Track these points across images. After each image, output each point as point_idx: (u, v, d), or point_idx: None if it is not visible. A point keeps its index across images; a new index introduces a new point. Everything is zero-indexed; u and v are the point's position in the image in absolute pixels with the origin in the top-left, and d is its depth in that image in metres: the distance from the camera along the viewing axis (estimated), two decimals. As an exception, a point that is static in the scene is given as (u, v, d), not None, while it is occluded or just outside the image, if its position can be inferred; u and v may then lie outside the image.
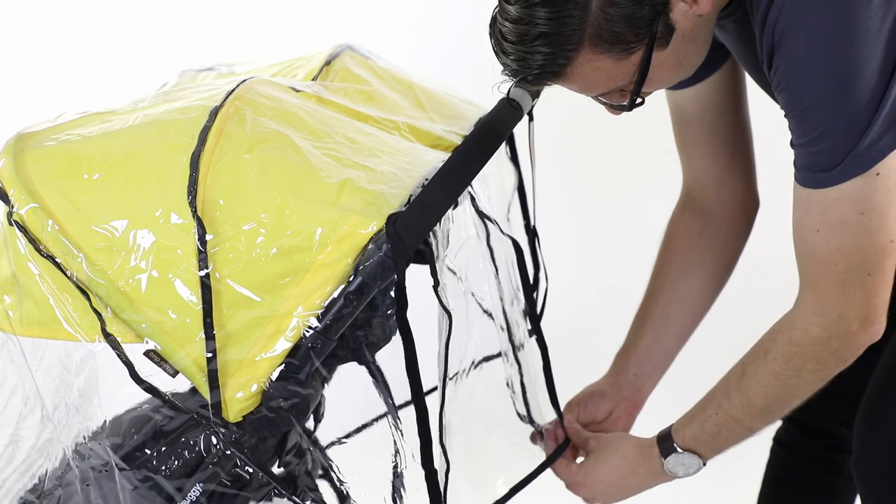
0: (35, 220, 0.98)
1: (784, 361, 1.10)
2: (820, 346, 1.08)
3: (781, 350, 1.10)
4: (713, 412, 1.16)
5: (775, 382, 1.11)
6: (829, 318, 1.06)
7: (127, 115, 1.04)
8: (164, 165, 0.99)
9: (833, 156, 1.00)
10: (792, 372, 1.10)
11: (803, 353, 1.09)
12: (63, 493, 1.03)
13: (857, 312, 1.06)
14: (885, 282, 1.06)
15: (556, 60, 1.00)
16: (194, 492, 1.02)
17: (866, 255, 1.03)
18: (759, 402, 1.13)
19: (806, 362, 1.09)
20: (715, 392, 1.17)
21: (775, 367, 1.11)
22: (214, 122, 0.99)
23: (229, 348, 0.98)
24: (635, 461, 1.22)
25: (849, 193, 1.01)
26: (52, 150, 1.01)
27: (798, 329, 1.09)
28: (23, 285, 1.00)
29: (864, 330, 1.07)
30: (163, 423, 1.05)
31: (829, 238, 1.03)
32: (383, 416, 1.24)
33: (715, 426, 1.16)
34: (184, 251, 0.97)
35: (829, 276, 1.05)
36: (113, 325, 0.98)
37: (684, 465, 1.19)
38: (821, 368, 1.10)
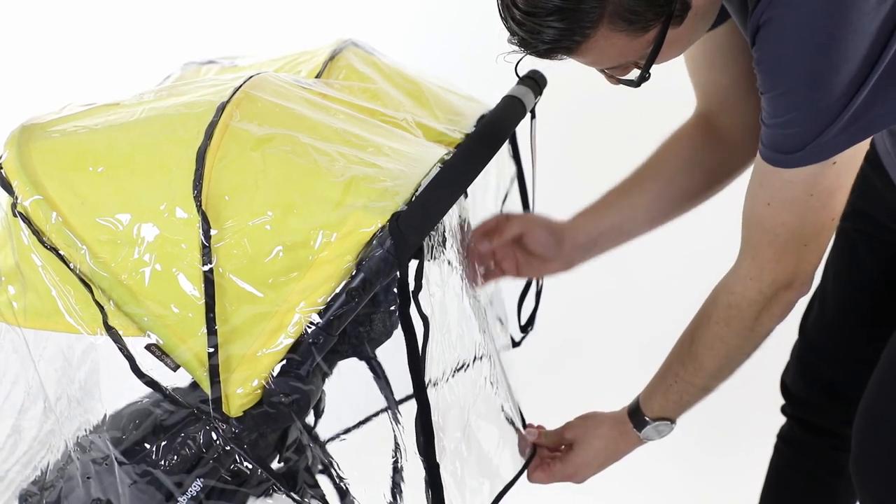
0: (39, 212, 0.98)
1: (725, 324, 1.16)
2: (756, 307, 1.14)
3: (722, 314, 1.16)
4: (672, 381, 1.22)
5: (720, 344, 1.17)
6: (765, 282, 1.12)
7: (132, 108, 1.04)
8: (170, 160, 0.98)
9: (796, 141, 1.03)
10: (734, 333, 1.16)
11: (741, 315, 1.15)
12: (65, 486, 1.03)
13: (789, 277, 1.12)
14: (818, 252, 1.13)
15: (571, 37, 0.99)
16: (194, 487, 1.02)
17: (808, 229, 1.09)
18: (709, 365, 1.19)
19: (745, 323, 1.15)
20: (670, 361, 1.23)
21: (718, 330, 1.17)
22: (221, 118, 0.99)
23: (231, 343, 0.98)
24: (615, 440, 1.28)
25: (804, 177, 1.06)
26: (56, 142, 1.01)
27: (736, 293, 1.14)
28: (26, 276, 0.99)
29: (794, 290, 1.14)
30: (163, 418, 1.04)
31: (777, 212, 1.08)
32: (383, 411, 1.25)
33: (676, 393, 1.23)
34: (188, 245, 0.97)
35: (769, 245, 1.10)
36: (115, 318, 0.98)
37: (658, 431, 1.26)
38: (759, 327, 1.16)
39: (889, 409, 1.28)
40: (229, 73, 1.20)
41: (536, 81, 1.27)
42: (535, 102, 1.26)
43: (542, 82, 1.28)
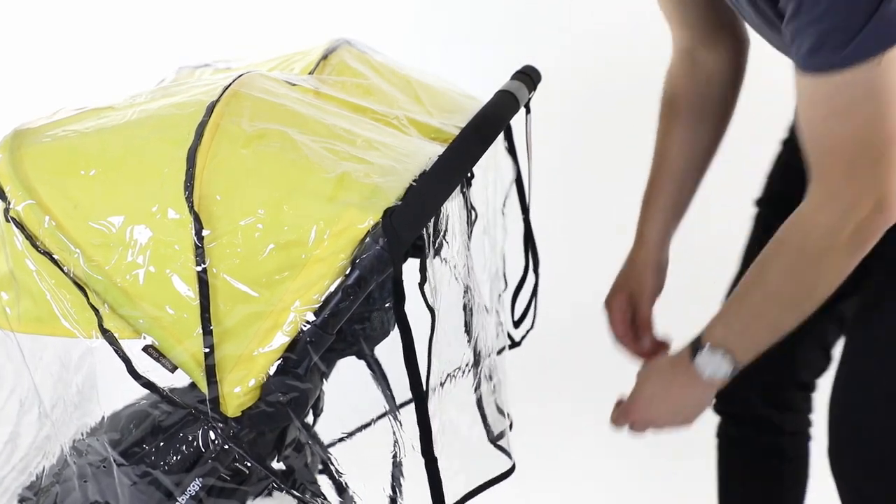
0: (32, 217, 0.98)
1: (798, 254, 1.10)
2: (833, 235, 1.08)
3: (795, 243, 1.10)
4: (736, 309, 1.17)
5: (793, 275, 1.11)
6: (840, 207, 1.07)
7: (124, 110, 1.04)
8: (161, 161, 0.99)
9: (842, 34, 0.98)
10: (808, 264, 1.10)
11: (816, 244, 1.09)
12: (60, 490, 1.04)
13: (867, 199, 1.06)
14: (892, 168, 1.04)
15: None
16: (193, 486, 1.02)
17: (873, 142, 1.03)
18: (780, 296, 1.13)
19: (820, 252, 1.09)
20: (738, 291, 1.17)
21: (791, 260, 1.11)
22: (211, 118, 0.99)
23: (227, 343, 0.98)
24: (670, 372, 1.22)
25: (856, 78, 1.00)
26: (48, 147, 1.01)
27: (809, 221, 1.09)
28: (20, 282, 1.00)
29: (880, 214, 1.07)
30: (161, 419, 1.05)
31: (835, 126, 1.03)
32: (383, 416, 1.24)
33: (742, 323, 1.16)
34: (181, 246, 0.97)
35: (836, 165, 1.05)
36: (110, 320, 0.98)
37: (713, 364, 1.18)
38: (838, 257, 1.09)
39: (861, 396, 1.27)
40: (222, 74, 1.20)
41: (530, 76, 1.26)
42: (529, 97, 1.26)
43: (537, 77, 1.28)
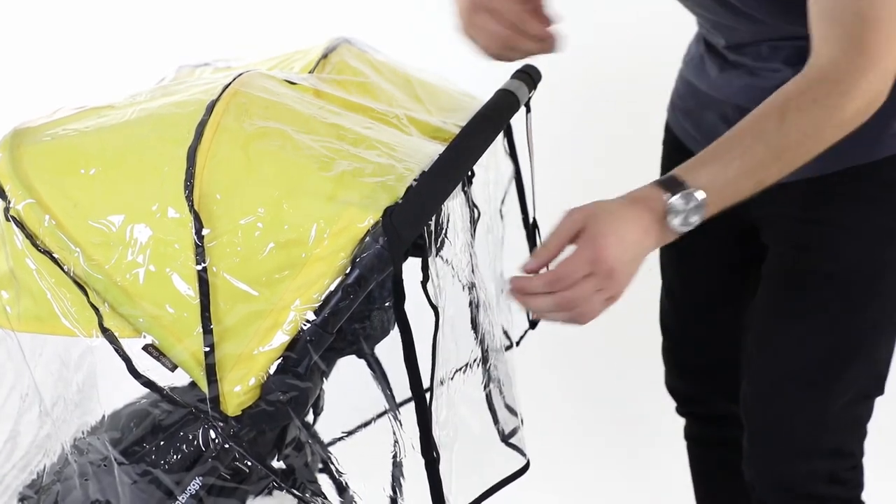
0: (32, 216, 0.98)
1: (832, 114, 1.06)
2: (862, 98, 1.07)
3: (833, 101, 1.06)
4: (739, 154, 1.05)
5: (814, 132, 1.07)
6: (878, 74, 1.06)
7: (123, 109, 1.04)
8: (161, 160, 0.99)
9: None
10: (830, 120, 1.07)
11: (850, 104, 1.06)
12: (61, 488, 1.04)
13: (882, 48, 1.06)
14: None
15: None
16: (193, 485, 1.02)
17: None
18: (792, 150, 1.07)
19: (846, 114, 1.07)
20: (742, 135, 1.07)
21: (820, 115, 1.06)
22: (211, 116, 0.99)
23: (227, 342, 0.98)
24: (635, 201, 1.04)
25: None
26: (48, 146, 1.01)
27: (848, 81, 1.06)
28: (20, 281, 1.00)
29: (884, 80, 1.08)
30: (161, 418, 1.05)
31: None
32: (383, 414, 1.24)
33: (736, 171, 1.05)
34: (181, 245, 0.97)
35: (879, 32, 1.05)
36: (111, 319, 0.98)
37: (688, 203, 1.03)
38: (857, 116, 1.08)
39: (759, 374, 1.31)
40: (222, 73, 1.20)
41: (530, 75, 1.26)
42: (529, 96, 1.26)
43: (537, 76, 1.28)
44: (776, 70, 1.26)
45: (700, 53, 1.40)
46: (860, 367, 1.30)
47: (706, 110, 1.38)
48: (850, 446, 1.36)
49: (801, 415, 1.32)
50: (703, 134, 1.37)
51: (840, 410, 1.31)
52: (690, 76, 1.42)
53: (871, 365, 1.32)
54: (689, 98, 1.43)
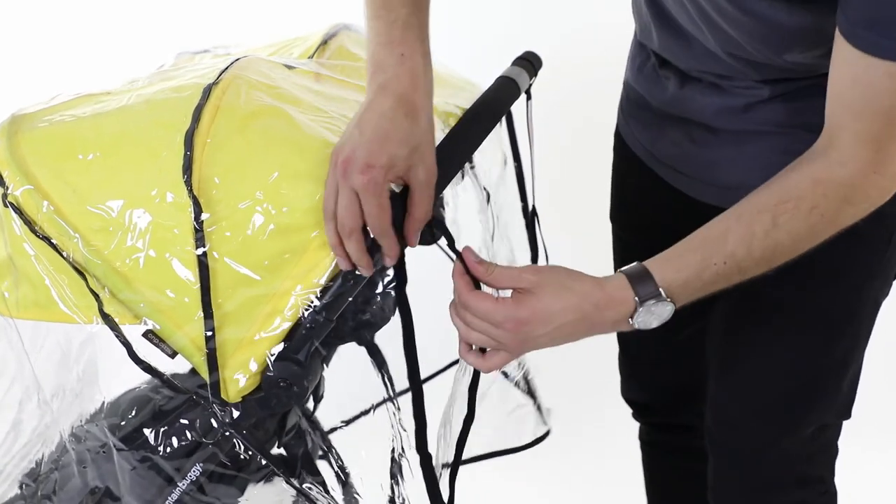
0: (30, 202, 0.98)
1: (831, 220, 0.99)
2: (868, 202, 0.99)
3: (833, 207, 0.98)
4: (721, 261, 0.98)
5: (808, 237, 1.00)
6: (887, 175, 0.98)
7: (121, 95, 1.04)
8: (159, 144, 0.98)
9: None
10: (828, 226, 1.00)
11: (852, 209, 0.99)
12: (60, 476, 1.03)
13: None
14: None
15: None
16: (193, 472, 1.02)
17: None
18: (781, 255, 1.00)
19: (847, 218, 1.00)
20: (725, 241, 0.99)
21: (818, 222, 0.98)
22: (209, 100, 0.98)
23: (228, 328, 0.97)
24: (598, 304, 0.97)
25: None
26: (46, 132, 1.01)
27: (856, 188, 0.98)
28: (19, 267, 0.99)
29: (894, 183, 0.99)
30: (162, 404, 1.04)
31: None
32: (384, 402, 1.24)
33: (714, 275, 0.99)
34: (180, 230, 0.96)
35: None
36: (110, 305, 0.98)
37: (658, 315, 0.98)
38: (850, 220, 1.01)
39: (737, 411, 1.27)
40: (221, 59, 1.19)
41: (531, 62, 1.26)
42: (529, 83, 1.25)
43: (538, 63, 1.27)
44: (748, 87, 1.13)
45: (652, 64, 1.24)
46: (828, 399, 1.25)
47: (666, 126, 1.23)
48: (818, 472, 1.32)
49: (769, 448, 1.27)
50: (663, 151, 1.25)
51: (808, 440, 1.27)
52: (642, 88, 1.27)
53: (840, 394, 1.26)
54: (644, 110, 1.27)
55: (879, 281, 1.21)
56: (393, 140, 0.95)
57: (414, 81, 0.98)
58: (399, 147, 0.95)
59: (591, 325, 0.98)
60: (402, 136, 0.95)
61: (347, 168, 0.94)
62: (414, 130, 0.96)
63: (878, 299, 1.22)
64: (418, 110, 0.97)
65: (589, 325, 0.98)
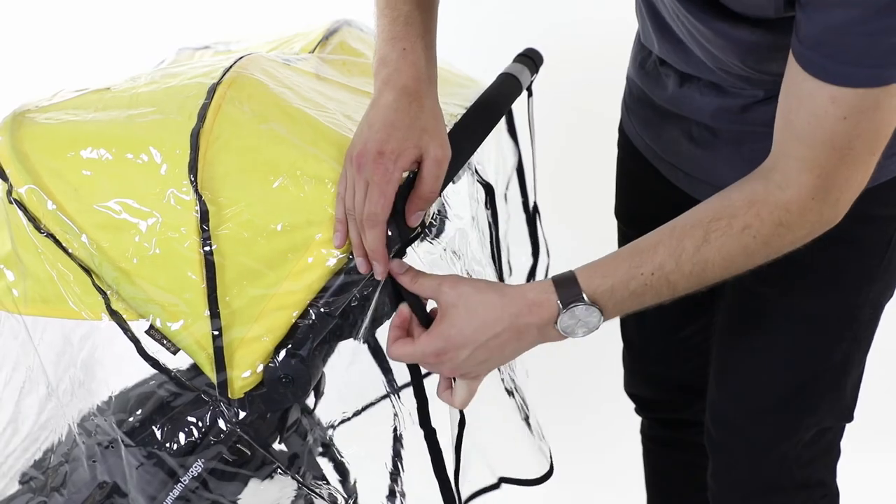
0: (34, 199, 0.98)
1: (764, 242, 0.97)
2: (807, 229, 0.98)
3: (767, 230, 0.97)
4: (649, 271, 0.97)
5: (741, 258, 0.98)
6: (828, 202, 0.96)
7: (124, 92, 1.04)
8: (164, 143, 0.98)
9: None
10: (761, 247, 0.98)
11: (789, 235, 0.97)
12: (69, 469, 1.04)
13: (851, 195, 0.97)
14: (875, 161, 0.96)
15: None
16: (196, 468, 1.02)
17: (881, 134, 0.93)
18: (712, 272, 0.98)
19: (784, 242, 0.98)
20: (655, 252, 0.97)
21: (750, 243, 0.97)
22: (213, 100, 0.98)
23: (232, 326, 0.98)
24: (519, 312, 0.96)
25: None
26: (49, 129, 1.01)
27: (793, 212, 0.96)
28: (25, 263, 1.00)
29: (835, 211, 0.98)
30: (168, 399, 1.05)
31: (856, 124, 0.91)
32: (384, 398, 1.25)
33: (642, 286, 0.97)
34: (186, 229, 0.97)
35: (843, 161, 0.94)
36: (117, 302, 0.98)
37: (584, 322, 0.97)
38: (788, 245, 0.99)
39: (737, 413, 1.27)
40: (222, 56, 1.20)
41: (533, 59, 1.26)
42: (531, 80, 1.25)
43: (539, 60, 1.27)
44: (744, 87, 1.12)
45: (653, 61, 1.25)
46: (827, 402, 1.25)
47: (666, 124, 1.24)
48: (819, 475, 1.31)
49: (767, 450, 1.27)
50: (664, 148, 1.26)
51: (808, 443, 1.27)
52: (643, 84, 1.28)
53: (841, 398, 1.26)
54: (646, 106, 1.28)
55: (880, 284, 1.21)
56: (400, 127, 0.96)
57: (416, 72, 1.00)
58: (407, 132, 0.96)
59: (518, 335, 0.97)
60: (408, 122, 0.97)
61: (361, 161, 0.95)
62: (420, 115, 0.98)
63: (878, 303, 1.22)
64: (422, 97, 0.99)
65: (515, 335, 0.96)
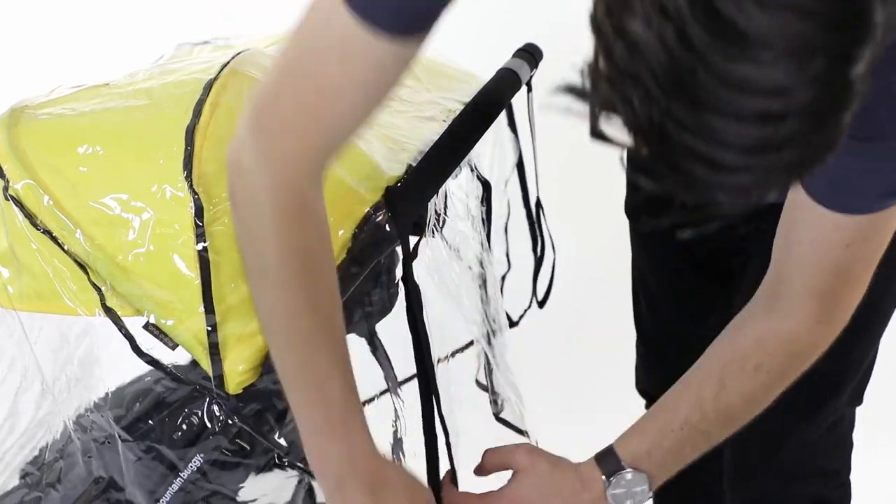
0: (30, 195, 0.98)
1: (779, 375, 0.99)
2: (817, 351, 0.99)
3: (779, 363, 0.98)
4: (678, 426, 1.00)
5: (762, 394, 1.00)
6: (834, 322, 0.96)
7: (121, 88, 1.04)
8: (159, 139, 0.98)
9: None
10: (777, 381, 1.00)
11: (802, 362, 0.99)
12: (64, 465, 1.04)
13: (852, 308, 0.96)
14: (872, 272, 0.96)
15: None
16: (196, 461, 1.03)
17: (880, 252, 0.93)
18: (739, 414, 1.00)
19: (799, 369, 0.99)
20: (678, 408, 1.00)
21: (767, 379, 0.99)
22: (209, 95, 0.98)
23: (229, 322, 0.98)
24: (574, 489, 1.01)
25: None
26: (46, 124, 1.01)
27: (801, 342, 0.97)
28: (21, 259, 1.00)
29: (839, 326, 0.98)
30: (165, 395, 1.05)
31: (858, 250, 0.91)
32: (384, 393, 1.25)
33: (677, 442, 1.00)
34: (181, 225, 0.97)
35: (846, 284, 0.94)
36: (112, 298, 0.98)
37: (631, 489, 1.00)
38: (803, 369, 1.00)
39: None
40: (221, 51, 1.19)
41: (532, 54, 1.26)
42: (530, 75, 1.25)
43: (538, 55, 1.27)
44: None
45: None
46: (849, 390, 1.24)
47: None
48: (835, 465, 1.31)
49: (788, 441, 1.25)
50: None
51: (826, 431, 1.26)
52: None
53: (859, 383, 1.25)
54: None
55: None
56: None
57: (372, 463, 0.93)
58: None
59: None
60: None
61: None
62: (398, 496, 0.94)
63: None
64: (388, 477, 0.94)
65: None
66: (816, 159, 0.63)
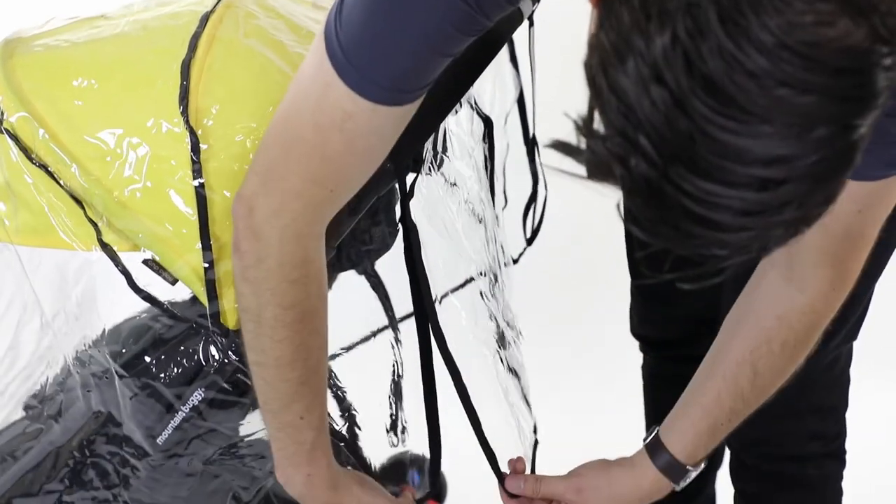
0: (26, 128, 0.97)
1: (804, 345, 1.01)
2: (834, 311, 1.00)
3: (803, 334, 1.00)
4: (725, 419, 1.05)
5: (791, 366, 1.03)
6: (846, 284, 0.98)
7: (117, 20, 1.02)
8: (155, 73, 0.97)
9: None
10: (803, 349, 1.02)
11: (820, 328, 1.01)
12: (65, 398, 1.05)
13: (860, 269, 0.98)
14: None
15: None
16: (194, 398, 1.03)
17: (887, 213, 0.94)
18: (771, 389, 1.04)
19: (821, 330, 1.02)
20: (721, 403, 1.04)
21: (793, 352, 1.02)
22: (205, 29, 0.97)
23: (227, 258, 0.97)
24: (649, 491, 1.08)
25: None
26: (40, 56, 0.99)
27: (819, 311, 0.99)
28: (17, 194, 0.99)
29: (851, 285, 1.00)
30: (162, 332, 1.05)
31: (868, 214, 0.92)
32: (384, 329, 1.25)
33: (726, 430, 1.06)
34: (177, 161, 0.96)
35: (855, 247, 0.95)
36: (109, 234, 0.98)
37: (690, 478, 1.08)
38: (824, 327, 1.02)
39: None
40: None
41: (535, -13, 1.23)
42: (532, 9, 1.23)
43: (541, -12, 1.24)
44: None
45: None
46: (849, 328, 1.25)
47: None
48: (833, 401, 1.32)
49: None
50: None
51: (825, 368, 1.26)
52: None
53: (857, 320, 1.25)
54: None
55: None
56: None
57: (328, 491, 1.01)
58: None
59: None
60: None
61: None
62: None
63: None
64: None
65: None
66: (818, 215, 0.62)
